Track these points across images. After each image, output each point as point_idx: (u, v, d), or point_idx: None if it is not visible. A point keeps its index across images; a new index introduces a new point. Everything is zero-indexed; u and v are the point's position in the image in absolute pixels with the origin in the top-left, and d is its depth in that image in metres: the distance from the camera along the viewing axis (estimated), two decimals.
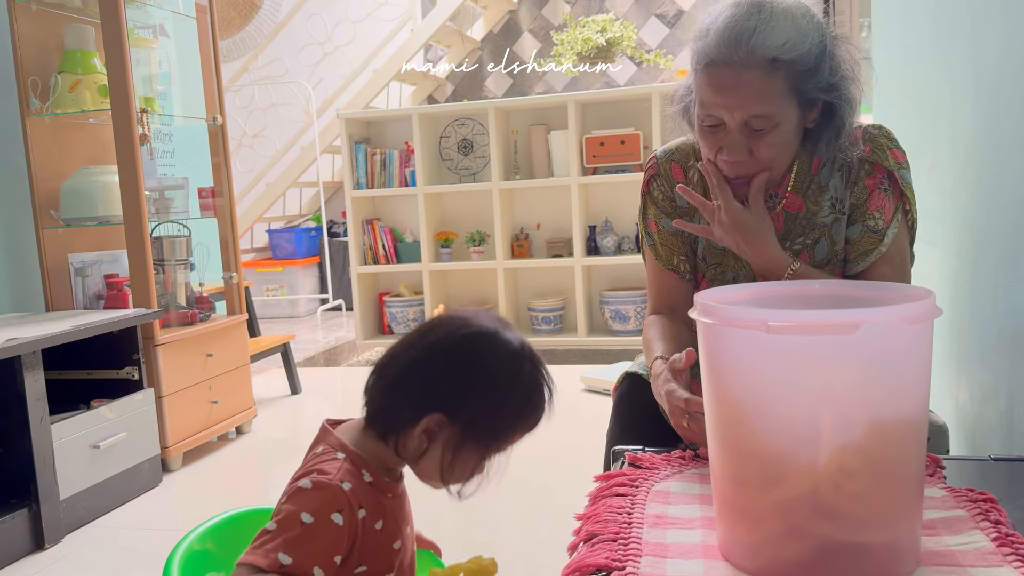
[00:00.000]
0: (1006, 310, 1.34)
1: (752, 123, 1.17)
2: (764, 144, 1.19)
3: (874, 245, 1.26)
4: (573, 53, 4.90)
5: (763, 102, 1.15)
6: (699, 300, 0.87)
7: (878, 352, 0.77)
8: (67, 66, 2.94)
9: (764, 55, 1.13)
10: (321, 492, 0.88)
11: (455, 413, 0.93)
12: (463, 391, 0.93)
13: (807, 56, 1.15)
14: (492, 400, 0.93)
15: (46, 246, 2.96)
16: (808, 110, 1.20)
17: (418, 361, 0.95)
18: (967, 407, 1.58)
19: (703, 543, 0.90)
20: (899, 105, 2.20)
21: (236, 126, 5.48)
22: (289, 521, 0.85)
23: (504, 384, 0.94)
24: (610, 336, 4.51)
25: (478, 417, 0.93)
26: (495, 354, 0.94)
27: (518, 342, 0.96)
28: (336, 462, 0.92)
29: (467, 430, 0.93)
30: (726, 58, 1.15)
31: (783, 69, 1.14)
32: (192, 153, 3.62)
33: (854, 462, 0.78)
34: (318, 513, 0.86)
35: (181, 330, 2.99)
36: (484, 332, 0.95)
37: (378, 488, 0.93)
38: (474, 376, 0.93)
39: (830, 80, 1.18)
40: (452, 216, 4.98)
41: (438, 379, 0.94)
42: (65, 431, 2.41)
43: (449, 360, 0.94)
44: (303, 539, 0.85)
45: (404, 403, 0.94)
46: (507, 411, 0.95)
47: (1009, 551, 0.84)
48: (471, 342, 0.94)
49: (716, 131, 1.21)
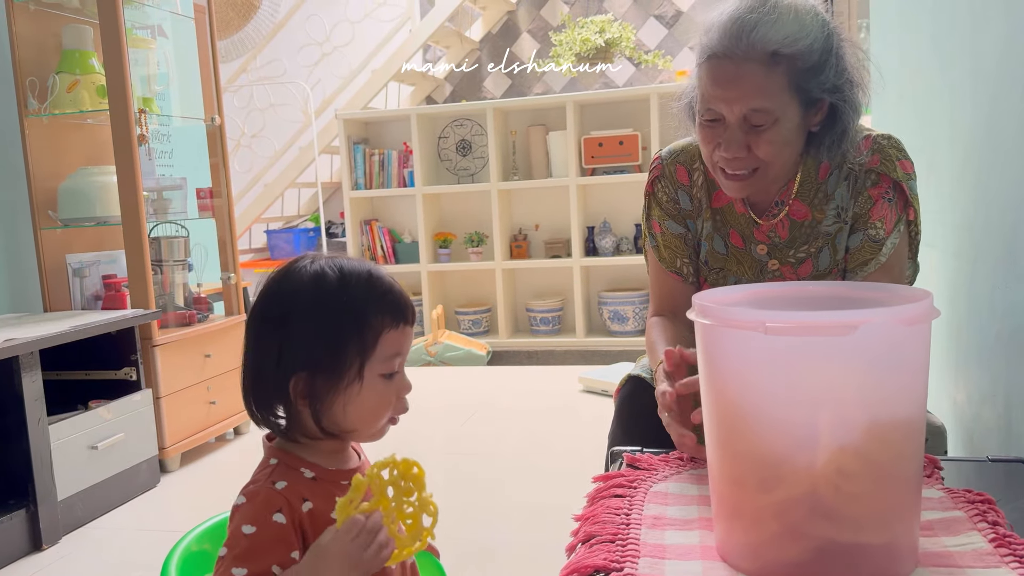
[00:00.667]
0: (1004, 311, 1.34)
1: (751, 118, 1.17)
2: (763, 140, 1.18)
3: (873, 255, 1.26)
4: (572, 54, 4.90)
5: (762, 96, 1.15)
6: (697, 301, 0.87)
7: (876, 353, 0.77)
8: (65, 66, 2.93)
9: (765, 48, 1.13)
10: (253, 500, 0.87)
11: (302, 362, 0.89)
12: (289, 339, 0.89)
13: (810, 53, 1.15)
14: (317, 320, 0.89)
15: (44, 246, 2.96)
16: (811, 110, 1.19)
17: (249, 350, 0.93)
18: (965, 408, 1.58)
19: (701, 544, 0.90)
20: (897, 106, 2.20)
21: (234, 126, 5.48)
22: (234, 538, 0.85)
23: (314, 300, 0.90)
24: (609, 337, 4.51)
25: (320, 345, 0.89)
26: (292, 288, 0.91)
27: (311, 263, 0.92)
28: (267, 468, 0.91)
29: (327, 363, 0.89)
30: (727, 51, 1.15)
31: (784, 64, 1.14)
32: (190, 154, 3.62)
33: (852, 463, 0.78)
34: (257, 519, 0.86)
35: (179, 331, 2.99)
36: (272, 279, 0.93)
37: (326, 480, 0.92)
38: (286, 319, 0.90)
39: (835, 81, 1.18)
40: (450, 217, 4.98)
41: (267, 349, 0.91)
42: (63, 432, 2.41)
43: (263, 327, 0.92)
44: (251, 550, 0.84)
45: (270, 396, 0.91)
46: (343, 318, 0.90)
47: (1007, 552, 0.84)
48: (267, 298, 0.93)
49: (715, 126, 1.20)
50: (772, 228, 1.31)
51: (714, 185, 1.36)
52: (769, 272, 1.33)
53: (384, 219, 5.09)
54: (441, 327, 4.53)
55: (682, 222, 1.39)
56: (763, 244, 1.32)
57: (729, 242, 1.35)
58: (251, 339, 0.94)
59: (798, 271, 1.31)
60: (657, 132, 4.30)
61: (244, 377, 0.94)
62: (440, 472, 2.82)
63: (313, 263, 0.92)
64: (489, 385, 4.02)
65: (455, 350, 4.42)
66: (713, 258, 1.36)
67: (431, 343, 4.44)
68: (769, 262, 1.32)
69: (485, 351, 4.48)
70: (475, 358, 4.43)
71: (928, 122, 1.85)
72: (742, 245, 1.34)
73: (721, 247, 1.35)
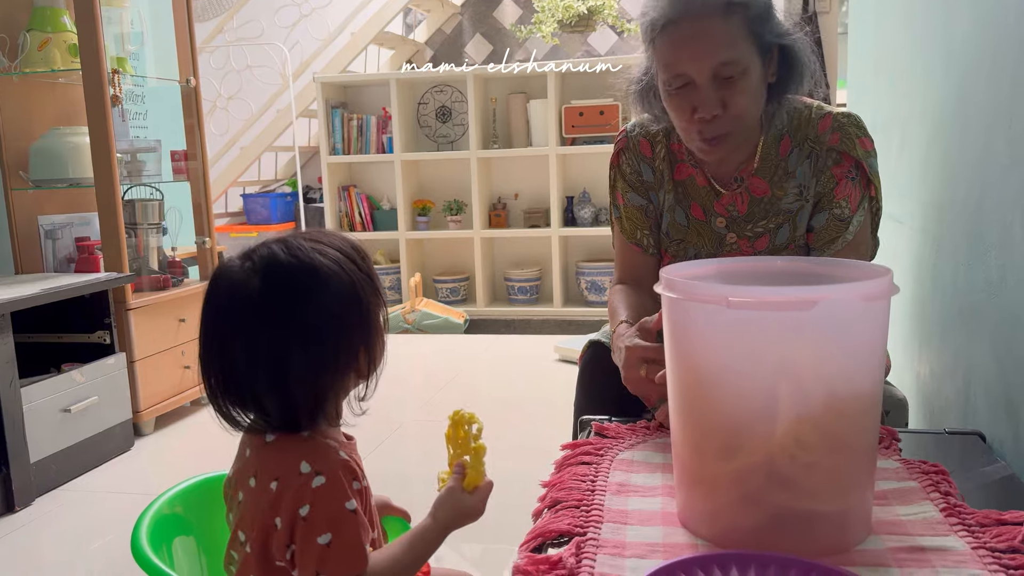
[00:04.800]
0: (967, 288, 1.37)
1: (721, 71, 1.17)
2: (736, 92, 1.18)
3: (839, 233, 1.28)
4: (554, 20, 4.85)
5: (727, 47, 1.16)
6: (664, 275, 0.88)
7: (835, 328, 0.79)
8: (36, 24, 2.87)
9: (717, 0, 1.15)
10: (335, 478, 0.86)
11: (361, 340, 0.91)
12: (346, 323, 0.89)
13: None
14: (354, 294, 0.90)
15: (15, 207, 2.92)
16: (766, 58, 1.21)
17: (294, 352, 0.88)
18: (927, 382, 1.61)
19: (663, 510, 0.92)
20: (872, 81, 2.21)
21: (211, 88, 5.39)
22: (337, 520, 0.85)
23: (347, 278, 0.89)
24: (586, 307, 4.54)
25: (366, 319, 0.91)
26: (323, 275, 0.88)
27: (305, 246, 0.90)
28: (310, 443, 0.89)
29: (374, 338, 0.92)
30: (683, 12, 1.16)
31: (739, 12, 1.16)
32: (165, 115, 3.56)
33: (809, 434, 0.81)
34: (351, 493, 0.87)
35: (153, 295, 2.97)
36: (281, 273, 0.88)
37: (347, 452, 0.93)
38: (262, 315, 0.87)
39: (784, 26, 1.22)
40: (429, 184, 4.96)
41: (261, 344, 0.87)
42: (35, 395, 2.40)
43: (252, 324, 0.88)
44: (361, 523, 0.86)
45: (327, 388, 0.90)
46: (368, 286, 0.92)
47: (956, 521, 0.87)
48: (297, 294, 0.88)
49: (686, 91, 1.20)
50: (732, 202, 1.33)
51: (676, 157, 1.37)
52: (727, 245, 1.35)
53: (362, 185, 5.05)
54: (419, 295, 4.53)
55: (644, 194, 1.40)
56: (722, 217, 1.34)
57: (690, 214, 1.36)
58: (306, 336, 0.88)
59: (755, 245, 1.33)
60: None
61: (282, 384, 0.88)
62: (415, 440, 2.85)
63: (307, 245, 0.90)
64: (466, 353, 4.04)
65: (432, 318, 4.43)
66: (674, 230, 1.38)
67: (408, 311, 4.45)
68: (727, 235, 1.34)
69: (462, 319, 4.49)
70: (452, 326, 4.44)
71: (902, 98, 1.86)
72: (703, 218, 1.35)
73: (682, 219, 1.37)
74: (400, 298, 4.79)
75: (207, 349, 0.90)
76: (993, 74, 1.26)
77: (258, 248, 0.90)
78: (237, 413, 0.91)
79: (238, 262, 0.90)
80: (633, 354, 1.13)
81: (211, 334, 0.90)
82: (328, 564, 0.84)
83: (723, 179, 1.33)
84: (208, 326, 0.90)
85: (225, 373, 0.89)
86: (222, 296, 0.89)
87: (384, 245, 4.96)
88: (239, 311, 0.88)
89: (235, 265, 0.89)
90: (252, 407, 0.90)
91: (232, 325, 0.88)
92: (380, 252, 4.95)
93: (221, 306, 0.89)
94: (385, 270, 4.86)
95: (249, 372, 0.88)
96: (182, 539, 1.03)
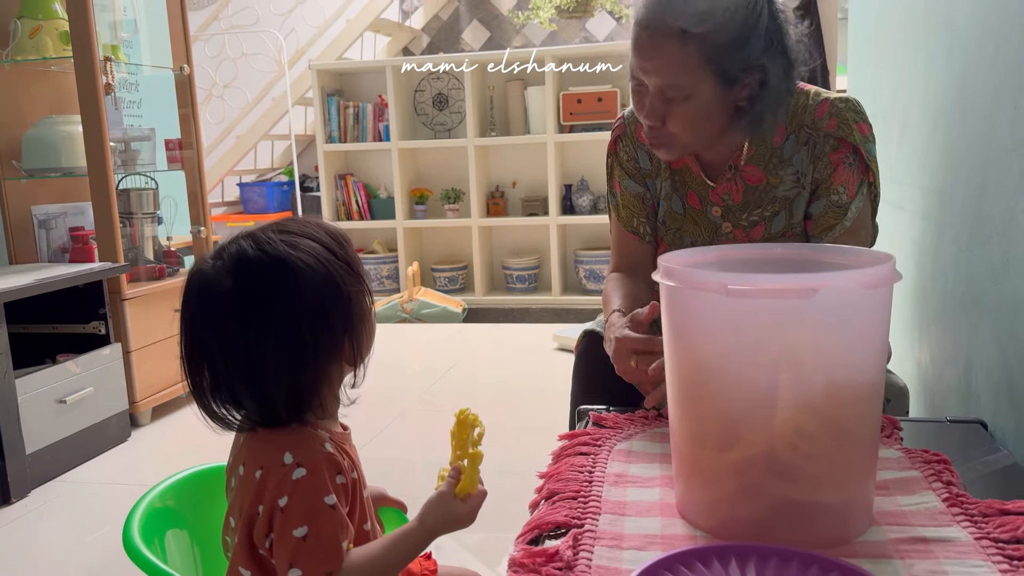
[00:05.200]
0: (969, 275, 1.35)
1: (665, 91, 1.16)
2: (675, 114, 1.18)
3: (838, 219, 1.27)
4: (551, 6, 4.81)
5: (672, 72, 1.14)
6: (662, 263, 0.87)
7: (836, 316, 0.78)
8: (27, 11, 2.84)
9: (675, 24, 1.12)
10: (316, 470, 0.85)
11: (346, 328, 0.89)
12: (330, 312, 0.88)
13: (723, 30, 1.12)
14: (335, 281, 0.89)
15: (8, 197, 2.89)
16: (733, 87, 1.17)
17: (283, 343, 0.87)
18: (928, 370, 1.60)
19: (661, 501, 0.91)
20: (873, 68, 2.19)
21: (206, 76, 5.35)
22: (313, 513, 0.84)
23: (330, 266, 0.88)
24: (584, 295, 4.52)
25: (354, 304, 0.90)
26: (305, 264, 0.87)
27: (287, 238, 0.88)
28: (296, 435, 0.89)
29: (361, 326, 0.91)
30: (646, 21, 1.15)
31: (695, 41, 1.12)
32: (159, 104, 3.53)
33: (810, 423, 0.79)
34: (332, 488, 0.86)
35: (149, 284, 2.96)
36: (266, 267, 0.87)
37: (337, 443, 0.92)
38: (245, 314, 0.86)
39: (759, 60, 1.15)
40: (427, 172, 4.93)
41: (305, 333, 0.86)
42: (30, 385, 2.38)
43: (304, 314, 0.87)
44: (341, 520, 0.85)
45: (312, 380, 0.89)
46: (353, 272, 0.91)
47: (958, 511, 0.86)
48: (283, 285, 0.87)
49: (641, 90, 1.21)
50: (726, 191, 1.31)
51: None
52: (723, 234, 1.33)
53: (359, 173, 5.03)
54: (417, 284, 4.51)
55: (641, 182, 1.39)
56: (717, 207, 1.32)
57: (687, 203, 1.35)
58: (280, 331, 0.86)
59: (750, 234, 1.32)
60: None
61: (274, 373, 0.87)
62: (413, 429, 2.84)
63: (276, 238, 0.89)
64: (464, 342, 4.02)
65: (430, 307, 4.42)
66: (671, 218, 1.36)
67: (406, 300, 4.43)
68: (723, 224, 1.33)
69: (461, 308, 4.47)
70: (450, 315, 4.43)
71: (903, 84, 1.84)
72: (699, 206, 1.34)
73: (679, 207, 1.35)
74: (398, 287, 4.77)
75: (187, 350, 0.90)
76: (997, 59, 1.24)
77: (228, 245, 0.89)
78: (223, 411, 0.90)
79: (210, 261, 0.89)
80: (623, 345, 1.13)
81: (189, 335, 0.89)
82: (302, 557, 0.83)
83: (716, 168, 1.32)
84: (185, 327, 0.90)
85: (206, 373, 0.88)
86: (195, 297, 0.89)
87: (382, 234, 4.94)
88: (213, 311, 0.87)
89: (207, 265, 0.89)
90: (234, 406, 0.90)
91: (207, 326, 0.88)
92: (378, 241, 4.93)
93: (195, 306, 0.89)
94: (383, 259, 4.84)
95: (228, 371, 0.87)
96: (175, 532, 1.02)
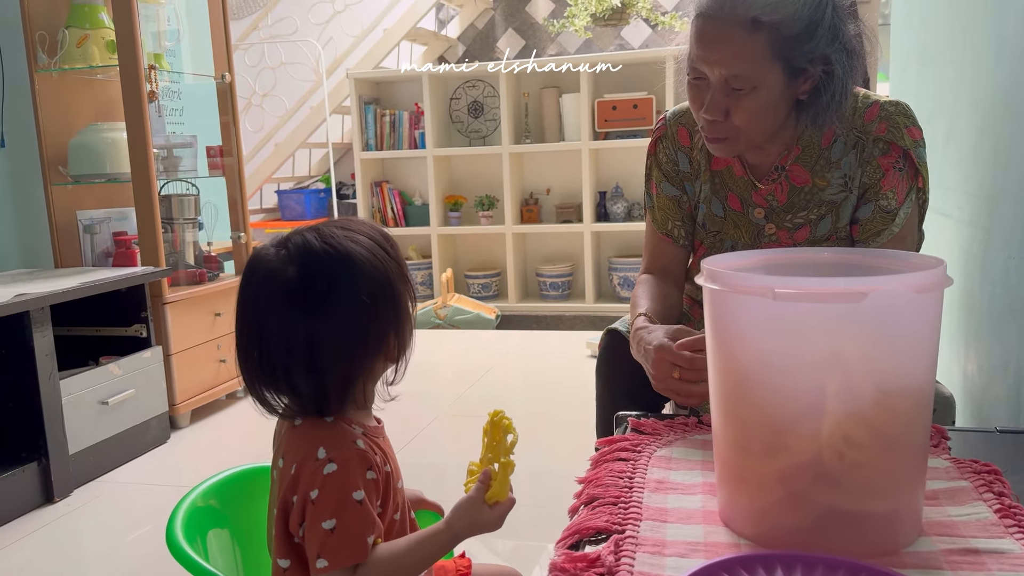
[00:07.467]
0: (1018, 282, 1.32)
1: (731, 81, 1.15)
2: (740, 107, 1.16)
3: (886, 225, 1.24)
4: (587, 14, 4.82)
5: (741, 62, 1.13)
6: (706, 266, 0.86)
7: (886, 321, 0.76)
8: (75, 21, 2.91)
9: (746, 13, 1.11)
10: (347, 465, 0.87)
11: (391, 323, 0.91)
12: (379, 304, 0.90)
13: (793, 21, 1.11)
14: (386, 277, 0.91)
15: (55, 202, 2.96)
16: (797, 79, 1.16)
17: (337, 334, 0.89)
18: (975, 379, 1.57)
19: (703, 508, 0.90)
20: (916, 71, 2.15)
21: (246, 85, 5.44)
22: (342, 506, 0.86)
23: (377, 263, 0.91)
24: (618, 303, 4.50)
25: (398, 301, 0.92)
26: (353, 260, 0.90)
27: (337, 233, 0.91)
28: (327, 429, 0.91)
29: (404, 321, 0.93)
30: (712, 12, 1.14)
31: (765, 31, 1.11)
32: (201, 111, 3.59)
33: (858, 431, 0.78)
34: (361, 483, 0.87)
35: (189, 289, 3.00)
36: (312, 261, 0.89)
37: (371, 437, 0.94)
38: (311, 301, 0.88)
39: (825, 51, 1.14)
40: (461, 179, 4.95)
41: (355, 324, 0.89)
42: (74, 387, 2.43)
43: (356, 303, 0.89)
44: (369, 515, 0.87)
45: (357, 371, 0.91)
46: (397, 270, 0.93)
47: (1012, 523, 0.84)
48: (329, 279, 0.89)
49: (700, 86, 1.19)
50: (771, 192, 1.29)
51: None
52: (766, 236, 1.31)
53: (395, 181, 5.06)
54: (450, 290, 4.53)
55: (679, 184, 1.38)
56: (761, 208, 1.31)
57: (727, 205, 1.33)
58: (340, 321, 0.89)
59: (794, 236, 1.30)
60: (672, 95, 4.23)
61: (330, 362, 0.89)
62: (447, 434, 2.84)
63: (339, 233, 0.92)
64: (497, 349, 4.02)
65: (464, 313, 4.43)
66: (711, 221, 1.35)
67: (440, 306, 4.45)
68: (766, 226, 1.31)
69: (494, 315, 4.48)
70: (484, 322, 4.43)
71: (948, 89, 1.81)
72: (740, 208, 1.32)
73: (719, 210, 1.34)
74: (432, 293, 4.79)
75: (243, 335, 0.92)
76: None
77: (292, 236, 0.91)
78: (272, 398, 0.92)
79: (273, 250, 0.91)
80: (662, 359, 1.11)
81: (247, 320, 0.91)
82: (329, 549, 0.85)
83: (762, 169, 1.30)
84: (244, 312, 0.92)
85: (261, 358, 0.90)
86: (258, 283, 0.90)
87: (416, 240, 4.97)
88: (275, 298, 0.89)
89: (270, 253, 0.91)
90: (286, 391, 0.92)
91: (268, 311, 0.89)
92: (412, 248, 4.95)
93: (257, 293, 0.91)
94: (417, 265, 4.86)
95: (284, 357, 0.89)
96: (216, 531, 1.03)
